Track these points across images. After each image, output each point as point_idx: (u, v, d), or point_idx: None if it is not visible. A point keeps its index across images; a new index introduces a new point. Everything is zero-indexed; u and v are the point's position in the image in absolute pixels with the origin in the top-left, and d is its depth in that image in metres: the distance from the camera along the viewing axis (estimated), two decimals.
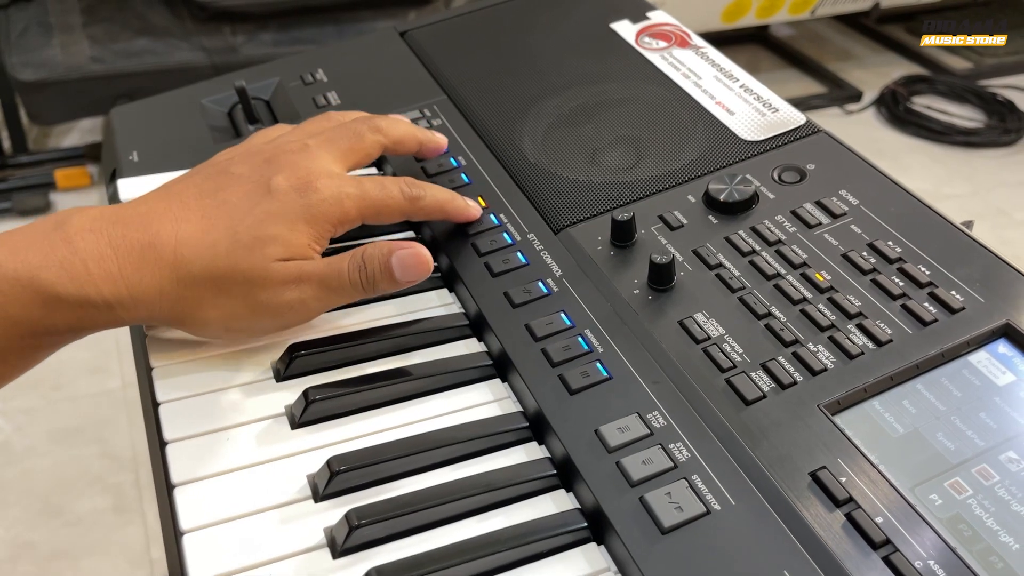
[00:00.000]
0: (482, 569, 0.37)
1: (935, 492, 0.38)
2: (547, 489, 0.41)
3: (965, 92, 2.38)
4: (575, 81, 0.64)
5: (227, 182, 0.46)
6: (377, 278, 0.46)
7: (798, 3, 2.21)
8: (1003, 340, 0.43)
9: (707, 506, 0.38)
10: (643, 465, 0.40)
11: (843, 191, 0.52)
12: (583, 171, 0.56)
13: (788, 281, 0.47)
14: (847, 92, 2.38)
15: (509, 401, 0.45)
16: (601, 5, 0.71)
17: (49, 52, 1.65)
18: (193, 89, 0.70)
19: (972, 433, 0.40)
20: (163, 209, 0.44)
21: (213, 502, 0.40)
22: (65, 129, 2.06)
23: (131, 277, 0.42)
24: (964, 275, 0.46)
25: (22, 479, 1.37)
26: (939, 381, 0.42)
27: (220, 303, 0.44)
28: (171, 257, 0.43)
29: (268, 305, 0.44)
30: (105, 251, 0.42)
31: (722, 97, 0.60)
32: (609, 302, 0.48)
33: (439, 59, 0.68)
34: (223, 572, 0.37)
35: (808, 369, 0.42)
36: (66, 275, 0.41)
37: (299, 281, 0.45)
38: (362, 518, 0.38)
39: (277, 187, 0.45)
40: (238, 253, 0.43)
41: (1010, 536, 0.36)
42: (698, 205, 0.53)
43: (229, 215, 0.44)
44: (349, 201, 0.47)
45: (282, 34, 1.74)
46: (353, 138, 0.50)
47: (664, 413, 0.42)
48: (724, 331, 0.45)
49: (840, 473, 0.38)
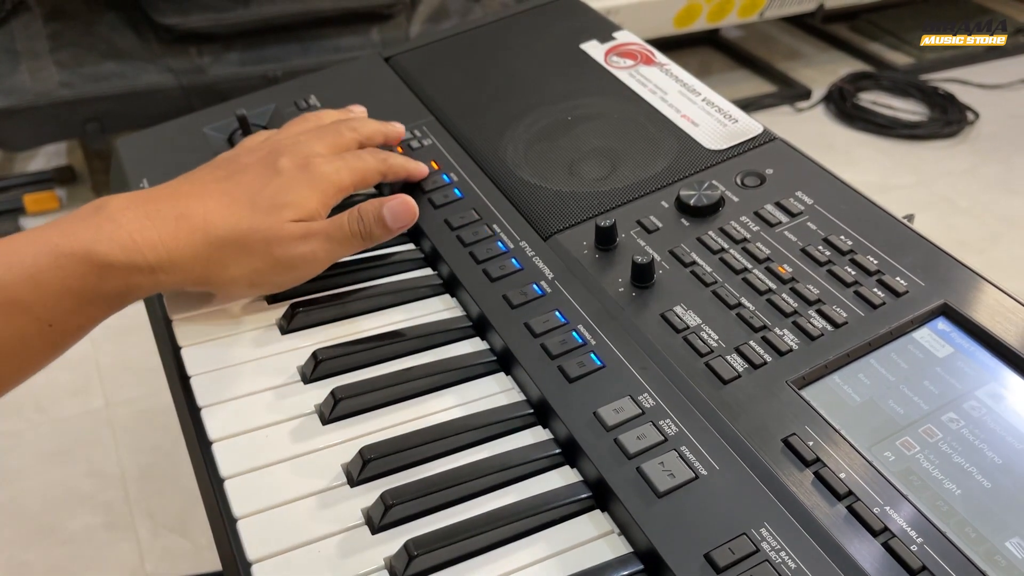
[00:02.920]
0: (504, 536, 0.43)
1: (889, 450, 0.44)
2: (554, 466, 0.47)
3: (908, 87, 2.47)
4: (551, 99, 0.69)
5: (238, 168, 0.55)
6: (372, 227, 0.55)
7: (747, 6, 2.28)
8: (942, 318, 0.50)
9: (695, 472, 0.44)
10: (638, 440, 0.45)
11: (799, 192, 0.58)
12: (565, 182, 0.62)
13: (755, 274, 0.53)
14: (797, 90, 2.46)
15: (514, 392, 0.51)
16: (570, 27, 0.77)
17: (17, 78, 1.66)
18: (191, 118, 0.74)
19: (918, 399, 0.46)
20: (187, 191, 0.52)
21: (261, 492, 0.45)
22: (30, 154, 2.06)
23: (169, 243, 0.49)
24: (907, 263, 0.52)
25: (12, 501, 1.38)
26: (889, 356, 0.48)
27: (244, 261, 0.51)
28: (202, 224, 0.50)
29: (284, 258, 0.52)
30: (145, 223, 0.49)
31: (687, 110, 0.66)
32: (598, 300, 0.53)
33: (423, 82, 0.74)
34: (274, 552, 0.42)
35: (776, 350, 0.49)
36: (117, 246, 0.47)
37: (308, 236, 0.53)
38: (395, 498, 0.43)
39: (283, 167, 0.54)
40: (258, 217, 0.51)
41: (953, 483, 0.42)
42: (671, 210, 0.58)
43: (246, 190, 0.53)
44: (343, 172, 0.56)
45: (248, 53, 1.77)
46: (334, 134, 0.59)
47: (653, 395, 0.48)
48: (701, 321, 0.51)
49: (808, 438, 0.44)
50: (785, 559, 0.40)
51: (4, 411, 1.46)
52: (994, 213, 2.07)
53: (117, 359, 1.59)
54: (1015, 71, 2.58)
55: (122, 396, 1.55)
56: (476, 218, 0.60)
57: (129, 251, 0.48)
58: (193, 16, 1.70)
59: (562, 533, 0.44)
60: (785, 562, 0.40)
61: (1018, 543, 0.40)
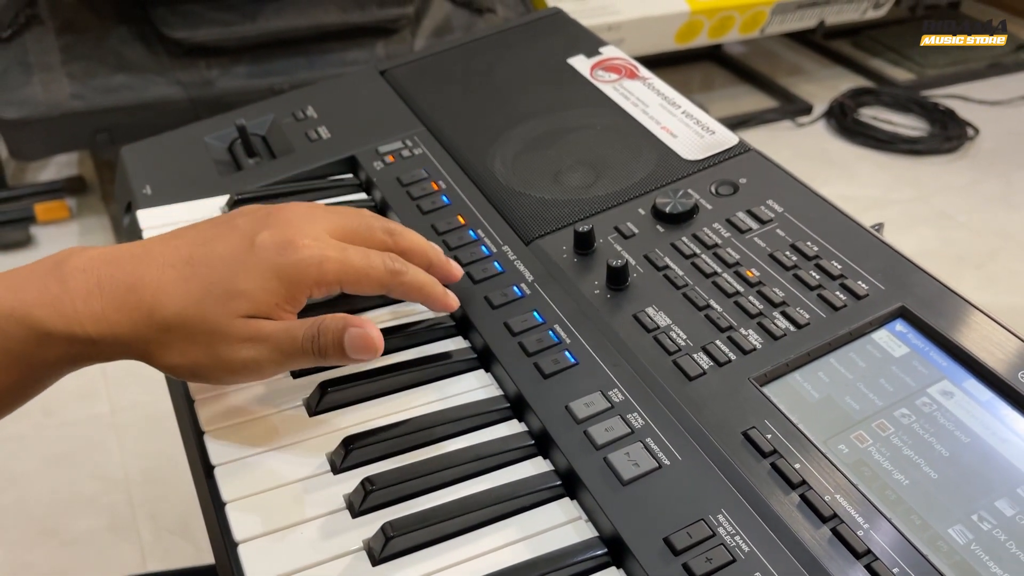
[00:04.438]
0: (477, 521, 0.45)
1: (843, 443, 0.47)
2: (527, 457, 0.49)
3: (909, 102, 2.50)
4: (538, 111, 0.72)
5: (223, 232, 0.48)
6: (329, 350, 0.47)
7: (748, 23, 2.31)
8: (900, 320, 0.52)
9: (659, 462, 0.46)
10: (606, 432, 0.48)
11: (770, 201, 0.61)
12: (548, 190, 0.64)
13: (724, 278, 0.56)
14: (798, 106, 2.49)
15: (493, 387, 0.53)
16: (559, 42, 0.80)
17: (30, 90, 1.71)
18: (193, 128, 0.77)
19: (873, 395, 0.49)
20: (157, 253, 0.47)
21: (248, 479, 0.47)
22: (42, 164, 2.11)
23: (112, 317, 0.45)
24: (869, 268, 0.55)
25: (18, 503, 1.41)
26: (848, 355, 0.51)
27: (187, 350, 0.46)
28: (150, 300, 0.45)
29: (225, 360, 0.46)
30: (93, 290, 0.45)
31: (666, 122, 0.69)
32: (574, 301, 0.56)
33: (416, 94, 0.77)
34: (260, 532, 0.45)
35: (740, 349, 0.51)
36: (56, 312, 0.44)
37: (255, 340, 0.46)
38: (375, 483, 0.46)
39: (261, 243, 0.47)
40: (208, 303, 0.45)
41: (901, 474, 0.45)
42: (648, 217, 0.61)
43: (210, 266, 0.46)
44: (328, 264, 0.47)
45: (255, 66, 1.81)
46: (362, 226, 0.51)
47: (622, 390, 0.50)
48: (671, 321, 0.53)
49: (766, 431, 0.47)
50: (739, 543, 0.42)
51: (14, 415, 1.49)
52: (992, 228, 2.09)
53: (123, 365, 1.61)
54: (1015, 87, 2.60)
55: (127, 401, 1.58)
56: (461, 224, 0.63)
57: (69, 321, 0.44)
58: (202, 30, 1.74)
59: (532, 519, 0.46)
60: (739, 545, 0.42)
61: (960, 530, 0.42)
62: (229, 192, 0.68)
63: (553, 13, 0.84)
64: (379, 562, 0.43)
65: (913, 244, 2.03)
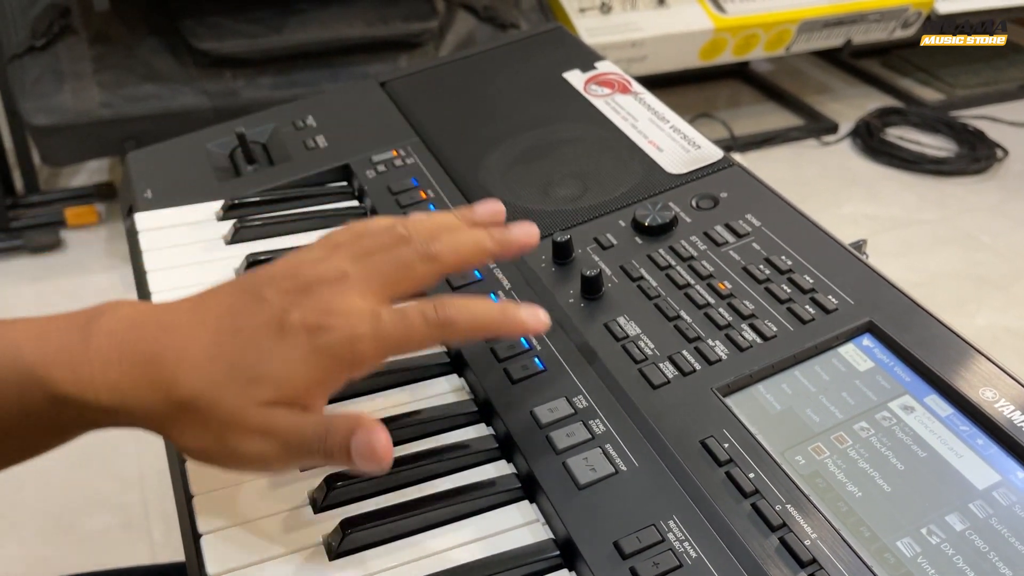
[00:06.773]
0: (435, 519, 0.46)
1: (800, 455, 0.47)
2: (490, 459, 0.50)
3: (937, 123, 2.48)
4: (530, 124, 0.73)
5: (251, 306, 0.45)
6: (335, 451, 0.43)
7: (773, 40, 2.31)
8: (867, 335, 0.52)
9: (616, 468, 0.47)
10: (567, 437, 0.49)
11: (749, 215, 0.61)
12: (533, 200, 0.66)
13: (696, 289, 0.56)
14: (824, 124, 2.48)
15: (463, 392, 0.54)
16: (556, 57, 0.82)
17: (61, 98, 1.76)
18: (197, 135, 0.79)
19: (835, 408, 0.49)
20: (184, 322, 0.44)
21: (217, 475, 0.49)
22: (74, 170, 2.16)
23: (127, 391, 0.42)
24: (841, 282, 0.55)
25: (35, 500, 1.45)
26: (812, 368, 0.51)
27: (198, 435, 0.43)
28: (170, 377, 0.42)
29: (232, 450, 0.43)
30: (112, 357, 0.42)
31: (654, 136, 0.70)
32: (548, 309, 0.56)
33: (413, 105, 0.78)
34: (223, 526, 0.46)
35: (706, 360, 0.52)
36: (73, 375, 0.42)
37: (265, 434, 0.42)
38: (337, 479, 0.47)
39: (291, 325, 0.43)
40: (227, 387, 0.42)
41: (855, 487, 0.45)
42: (627, 229, 0.62)
43: (236, 344, 0.43)
44: (361, 345, 0.43)
45: (280, 78, 1.84)
46: (400, 268, 0.46)
47: (587, 396, 0.51)
48: (640, 331, 0.54)
49: (724, 440, 0.47)
50: (688, 549, 0.43)
51: None
52: (1018, 250, 2.06)
53: None
54: None
55: None
56: None
57: (84, 387, 0.42)
58: (228, 42, 1.78)
59: (490, 520, 0.47)
60: (687, 551, 0.43)
61: (908, 543, 0.42)
62: (226, 198, 0.70)
63: (553, 29, 0.85)
64: (336, 556, 0.45)
65: (936, 264, 2.01)
